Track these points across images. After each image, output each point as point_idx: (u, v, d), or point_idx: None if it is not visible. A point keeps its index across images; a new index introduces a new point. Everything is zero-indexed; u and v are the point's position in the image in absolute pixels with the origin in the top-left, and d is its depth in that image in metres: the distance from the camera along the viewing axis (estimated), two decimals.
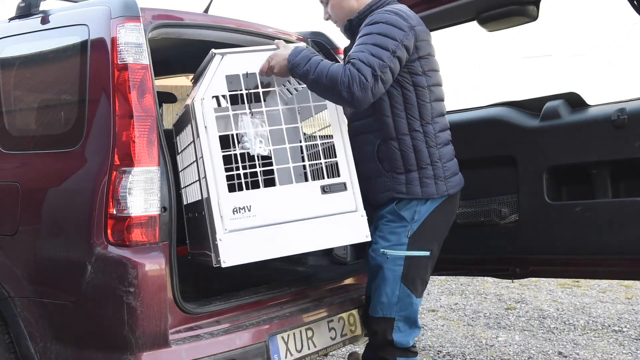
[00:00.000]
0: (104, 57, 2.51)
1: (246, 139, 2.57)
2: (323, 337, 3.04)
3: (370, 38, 2.59)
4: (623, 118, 2.78)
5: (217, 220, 2.51)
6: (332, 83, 2.51)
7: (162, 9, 2.86)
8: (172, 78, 5.03)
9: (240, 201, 2.54)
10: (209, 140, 2.55)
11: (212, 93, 2.59)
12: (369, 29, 2.64)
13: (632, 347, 4.66)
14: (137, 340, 2.35)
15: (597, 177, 2.93)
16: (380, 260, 2.80)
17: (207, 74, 2.60)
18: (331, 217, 2.68)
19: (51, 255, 2.60)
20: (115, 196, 2.40)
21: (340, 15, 2.91)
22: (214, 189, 2.52)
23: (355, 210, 2.72)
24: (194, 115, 2.57)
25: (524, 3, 3.06)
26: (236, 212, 2.53)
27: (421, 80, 2.74)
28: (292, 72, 2.64)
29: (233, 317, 2.76)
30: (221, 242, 2.49)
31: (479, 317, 5.54)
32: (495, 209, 3.17)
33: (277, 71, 2.67)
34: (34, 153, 2.79)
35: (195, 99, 2.56)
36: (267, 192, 2.60)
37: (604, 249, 2.89)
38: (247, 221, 2.54)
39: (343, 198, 2.71)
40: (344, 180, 2.73)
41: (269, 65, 2.67)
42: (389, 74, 2.59)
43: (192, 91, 2.82)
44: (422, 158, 2.75)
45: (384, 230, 2.82)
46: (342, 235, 2.72)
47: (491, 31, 3.33)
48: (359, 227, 2.72)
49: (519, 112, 3.17)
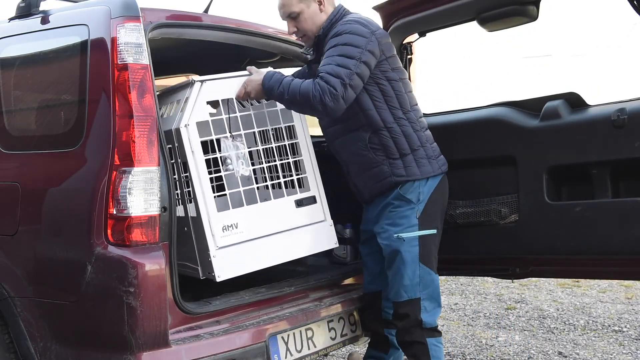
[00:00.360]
0: (104, 57, 2.51)
1: (229, 162, 2.82)
2: (323, 337, 3.04)
3: (336, 50, 2.80)
4: (623, 118, 2.77)
5: (209, 238, 2.71)
6: (306, 99, 2.74)
7: (162, 9, 2.86)
8: (172, 78, 5.04)
9: (228, 219, 2.76)
10: (196, 164, 2.73)
11: (195, 119, 2.75)
12: (334, 41, 2.84)
13: (632, 347, 4.66)
14: (137, 340, 2.36)
15: (597, 177, 2.92)
16: (397, 244, 2.95)
17: (189, 101, 2.76)
18: (305, 228, 2.99)
19: (51, 255, 2.60)
20: (115, 196, 2.41)
21: (314, 30, 3.01)
22: (204, 209, 2.71)
23: (324, 219, 3.07)
24: (178, 140, 2.71)
25: (524, 3, 3.05)
26: (225, 229, 2.74)
27: (393, 75, 2.95)
28: (268, 95, 2.88)
29: (233, 317, 2.77)
30: (215, 258, 2.71)
31: (479, 317, 5.54)
32: (495, 209, 3.17)
33: (253, 96, 2.90)
34: (34, 153, 2.79)
35: (181, 125, 2.70)
36: (250, 209, 2.83)
37: (604, 249, 2.88)
38: (235, 237, 2.77)
39: (314, 210, 3.03)
40: (313, 194, 3.04)
41: (245, 91, 2.89)
42: (357, 79, 2.79)
43: (167, 108, 2.94)
44: (413, 141, 2.96)
45: (392, 217, 2.99)
46: (315, 243, 3.03)
47: (491, 31, 3.32)
48: (328, 234, 3.08)
49: (519, 112, 3.16)
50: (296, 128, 3.06)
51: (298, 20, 2.99)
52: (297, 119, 3.10)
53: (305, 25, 2.99)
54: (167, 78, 4.94)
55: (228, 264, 2.74)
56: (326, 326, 3.07)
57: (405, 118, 2.95)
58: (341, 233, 3.51)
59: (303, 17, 2.98)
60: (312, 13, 2.98)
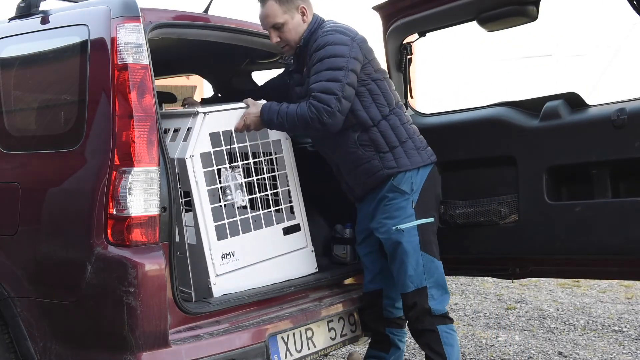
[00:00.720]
0: (104, 57, 2.51)
1: (228, 192, 2.93)
2: (323, 337, 3.05)
3: (322, 64, 2.86)
4: (623, 118, 2.77)
5: (209, 266, 2.80)
6: (305, 123, 2.84)
7: (162, 9, 2.86)
8: (171, 78, 5.04)
9: (227, 248, 2.86)
10: (199, 193, 2.80)
11: (199, 150, 2.83)
12: (318, 55, 2.89)
13: (632, 347, 4.66)
14: (137, 340, 2.36)
15: (597, 177, 2.92)
16: (397, 236, 2.98)
17: (193, 131, 2.84)
18: (291, 254, 3.12)
19: (51, 255, 2.60)
20: (115, 196, 2.41)
21: (296, 40, 3.04)
22: (205, 238, 2.79)
23: (306, 246, 3.20)
24: (183, 170, 2.79)
25: (524, 3, 3.05)
26: (224, 257, 2.85)
27: (377, 76, 3.03)
28: (268, 126, 2.99)
29: (233, 317, 2.77)
30: (215, 285, 2.79)
31: (479, 317, 5.54)
32: (495, 209, 3.16)
33: (253, 128, 2.99)
34: (34, 153, 2.79)
35: (186, 156, 2.78)
36: (245, 237, 2.94)
37: (603, 249, 2.88)
38: (232, 265, 2.87)
39: (298, 237, 3.16)
40: (298, 222, 3.17)
41: (245, 124, 2.96)
42: (349, 89, 2.87)
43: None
44: (401, 134, 3.02)
45: (389, 210, 3.02)
46: (297, 269, 3.13)
47: (491, 31, 3.32)
48: (310, 260, 3.21)
49: (519, 112, 3.16)
50: (285, 159, 3.18)
51: (282, 30, 3.01)
52: (286, 150, 3.20)
53: (289, 35, 3.01)
54: (167, 78, 4.95)
55: (225, 291, 2.82)
56: (326, 326, 3.07)
57: (393, 114, 3.02)
58: (341, 233, 3.52)
59: (287, 27, 3.00)
60: (295, 24, 3.00)
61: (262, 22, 3.05)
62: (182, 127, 2.92)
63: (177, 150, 2.84)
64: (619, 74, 11.12)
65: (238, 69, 4.13)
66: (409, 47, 3.52)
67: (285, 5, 2.97)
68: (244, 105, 3.00)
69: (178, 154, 2.82)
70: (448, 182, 3.31)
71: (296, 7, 2.99)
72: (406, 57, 3.51)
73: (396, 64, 3.52)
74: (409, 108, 3.53)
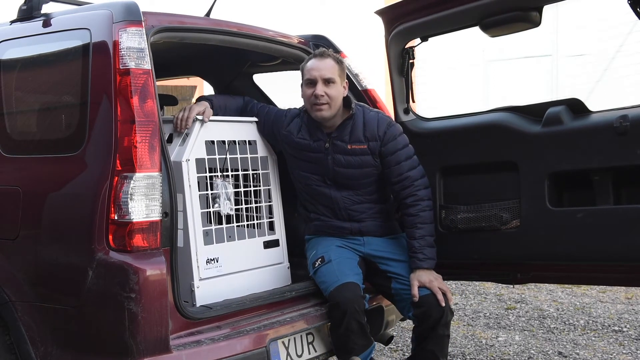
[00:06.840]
0: (106, 61, 2.51)
1: (218, 201, 3.00)
2: (324, 341, 3.05)
3: (409, 150, 3.18)
4: (625, 125, 2.76)
5: (194, 269, 2.83)
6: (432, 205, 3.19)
7: (165, 13, 2.85)
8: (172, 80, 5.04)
9: (212, 253, 2.90)
10: (191, 197, 2.84)
11: (195, 155, 2.89)
12: (399, 143, 3.16)
13: (632, 347, 4.67)
14: (138, 345, 2.36)
15: (599, 183, 2.92)
16: None
17: (190, 137, 2.91)
18: (268, 268, 3.16)
19: (52, 260, 2.60)
20: (117, 201, 2.40)
21: (337, 103, 3.14)
22: (193, 241, 2.82)
23: (283, 262, 3.24)
24: (178, 173, 2.81)
25: (527, 9, 3.04)
26: (209, 262, 2.89)
27: None
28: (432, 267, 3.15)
29: (234, 322, 2.77)
30: (198, 289, 2.82)
31: (479, 317, 5.55)
32: (497, 215, 3.16)
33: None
34: (35, 157, 2.79)
35: (182, 159, 2.83)
36: (229, 245, 2.99)
37: (605, 255, 2.88)
38: (215, 270, 2.91)
39: (276, 252, 3.22)
40: (277, 237, 3.23)
41: (437, 284, 3.05)
42: None
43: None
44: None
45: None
46: (273, 282, 3.14)
47: (494, 37, 3.31)
48: (285, 276, 3.23)
49: (521, 118, 3.15)
50: (270, 175, 3.23)
51: (329, 86, 3.10)
52: (272, 167, 3.26)
53: (334, 93, 3.11)
54: (168, 80, 4.95)
55: (208, 295, 2.84)
56: (327, 331, 3.07)
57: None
58: None
59: (336, 87, 3.12)
60: (341, 89, 3.16)
61: (313, 72, 3.11)
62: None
63: (174, 154, 2.88)
64: (619, 74, 11.10)
65: (239, 72, 4.12)
66: (411, 52, 3.51)
67: (340, 69, 3.16)
68: (244, 119, 3.15)
69: (174, 157, 2.86)
70: (450, 187, 3.30)
71: (345, 78, 3.21)
72: (408, 62, 3.50)
73: (398, 69, 3.51)
74: (411, 112, 3.52)
